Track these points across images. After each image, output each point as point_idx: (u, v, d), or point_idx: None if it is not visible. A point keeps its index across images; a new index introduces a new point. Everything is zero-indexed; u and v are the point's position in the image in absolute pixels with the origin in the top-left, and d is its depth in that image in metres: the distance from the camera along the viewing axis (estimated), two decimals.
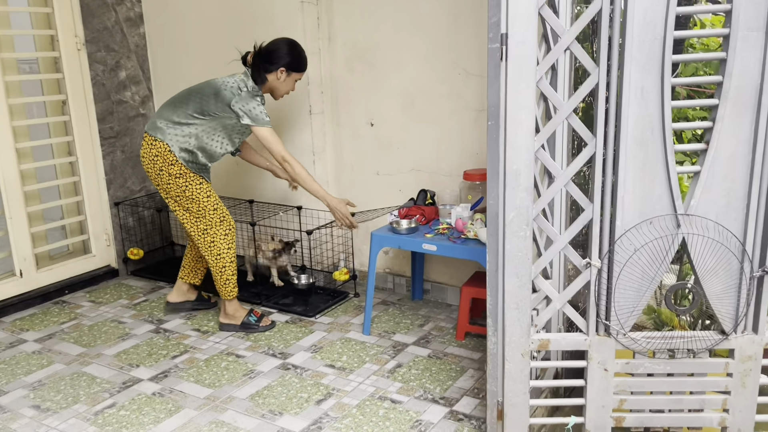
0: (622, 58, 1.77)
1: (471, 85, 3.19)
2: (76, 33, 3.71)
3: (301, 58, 3.06)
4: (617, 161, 1.84)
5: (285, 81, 3.05)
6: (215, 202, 3.10)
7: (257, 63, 3.00)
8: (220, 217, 3.10)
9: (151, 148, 3.02)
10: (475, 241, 2.86)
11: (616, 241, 1.89)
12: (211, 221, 3.08)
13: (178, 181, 3.03)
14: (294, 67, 3.04)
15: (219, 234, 3.10)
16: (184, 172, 3.01)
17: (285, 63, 3.00)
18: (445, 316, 3.35)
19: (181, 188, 3.04)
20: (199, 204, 3.06)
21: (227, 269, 3.15)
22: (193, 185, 3.04)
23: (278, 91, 3.10)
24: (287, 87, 3.09)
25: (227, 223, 3.12)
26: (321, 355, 2.96)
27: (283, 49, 3.01)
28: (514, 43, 1.78)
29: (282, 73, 3.01)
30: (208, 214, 3.07)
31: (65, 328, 3.34)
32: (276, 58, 2.99)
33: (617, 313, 1.94)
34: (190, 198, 3.05)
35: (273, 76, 3.02)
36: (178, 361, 2.95)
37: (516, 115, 1.83)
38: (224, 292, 3.19)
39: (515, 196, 1.88)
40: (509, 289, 1.95)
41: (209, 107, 2.97)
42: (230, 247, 3.14)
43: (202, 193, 3.06)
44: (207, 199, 3.07)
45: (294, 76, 3.07)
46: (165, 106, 3.08)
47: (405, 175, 3.52)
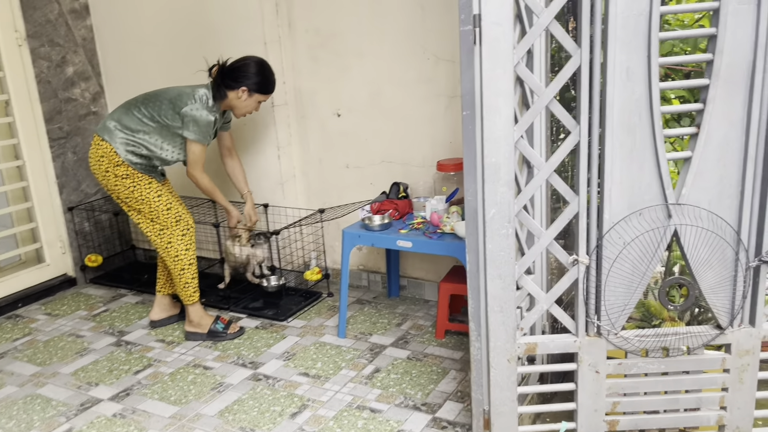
0: (605, 36, 1.62)
1: (441, 71, 3.03)
2: (16, 27, 3.44)
3: (269, 80, 2.91)
4: (603, 149, 1.70)
5: (246, 101, 2.90)
6: (168, 201, 2.91)
7: (220, 77, 2.86)
8: (175, 217, 2.92)
9: (97, 149, 2.85)
10: (452, 235, 2.71)
11: (605, 235, 1.76)
12: (166, 221, 2.90)
13: (125, 182, 2.85)
14: (258, 89, 2.89)
15: (176, 234, 2.92)
16: (131, 172, 2.84)
17: (249, 83, 2.86)
18: (423, 313, 3.21)
19: (128, 189, 2.86)
20: (150, 205, 2.87)
21: (186, 272, 2.97)
22: (141, 185, 2.86)
23: (238, 110, 2.95)
24: (248, 107, 2.94)
25: (184, 222, 2.94)
26: (294, 363, 2.80)
27: (250, 69, 2.86)
28: (488, 24, 1.63)
29: (243, 92, 2.86)
30: (161, 214, 2.89)
31: (18, 346, 3.12)
32: (240, 77, 2.85)
33: (608, 311, 1.81)
34: (140, 199, 2.86)
35: (234, 93, 2.87)
36: (141, 377, 2.75)
37: (493, 103, 1.67)
38: (185, 296, 3.00)
39: (495, 191, 1.73)
40: (492, 292, 1.81)
41: (161, 113, 2.83)
42: (188, 248, 2.96)
43: (151, 193, 2.87)
44: (158, 198, 2.89)
45: (257, 97, 2.92)
46: (119, 108, 2.93)
47: (376, 168, 3.35)
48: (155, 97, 2.87)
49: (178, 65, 3.62)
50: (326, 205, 3.53)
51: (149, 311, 3.40)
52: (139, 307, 3.50)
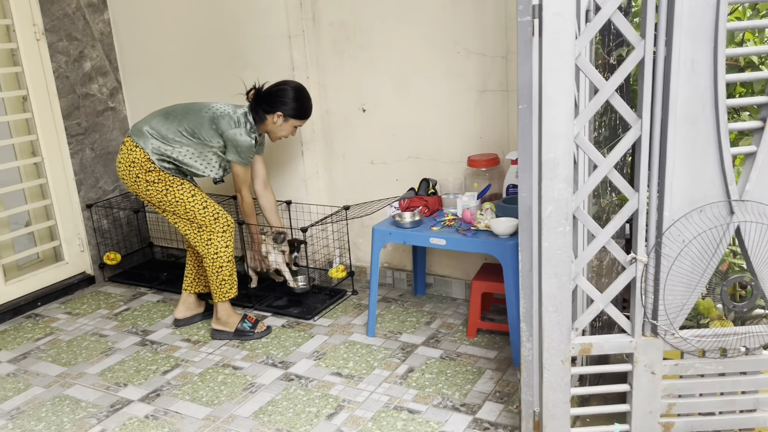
0: (670, 27, 1.57)
1: (471, 65, 2.97)
2: (34, 21, 3.38)
3: (305, 106, 2.90)
4: (665, 144, 1.65)
5: (282, 126, 2.88)
6: (202, 200, 2.86)
7: (257, 102, 2.85)
8: (213, 215, 2.87)
9: (129, 153, 2.80)
10: (487, 232, 2.66)
11: (664, 232, 1.71)
12: (204, 220, 2.85)
13: (157, 186, 2.81)
14: (294, 114, 2.88)
15: (216, 232, 2.88)
16: (163, 176, 2.80)
17: (285, 108, 2.84)
18: (452, 312, 3.16)
19: (161, 193, 2.82)
20: (185, 205, 2.82)
21: (224, 269, 2.91)
22: (173, 187, 2.82)
23: (273, 134, 2.94)
24: (284, 131, 2.92)
25: (223, 219, 2.89)
26: (325, 363, 2.75)
27: (286, 95, 2.85)
28: (549, 15, 1.57)
29: (279, 117, 2.85)
30: (197, 214, 2.84)
31: (41, 345, 3.06)
32: (276, 102, 2.84)
33: (666, 311, 1.76)
34: (174, 201, 2.82)
35: (270, 118, 2.85)
36: (170, 377, 2.70)
37: (553, 96, 1.62)
38: (219, 293, 2.95)
39: (553, 187, 1.68)
40: (547, 291, 1.76)
41: (201, 131, 2.80)
42: (228, 245, 2.91)
43: (185, 194, 2.83)
44: (192, 198, 2.84)
45: (293, 122, 2.90)
46: (156, 115, 2.87)
47: (402, 163, 3.29)
48: (196, 113, 2.83)
49: (198, 60, 3.57)
50: (350, 202, 3.47)
51: (172, 310, 3.35)
52: (161, 305, 3.44)
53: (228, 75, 3.45)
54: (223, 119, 2.80)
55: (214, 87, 3.52)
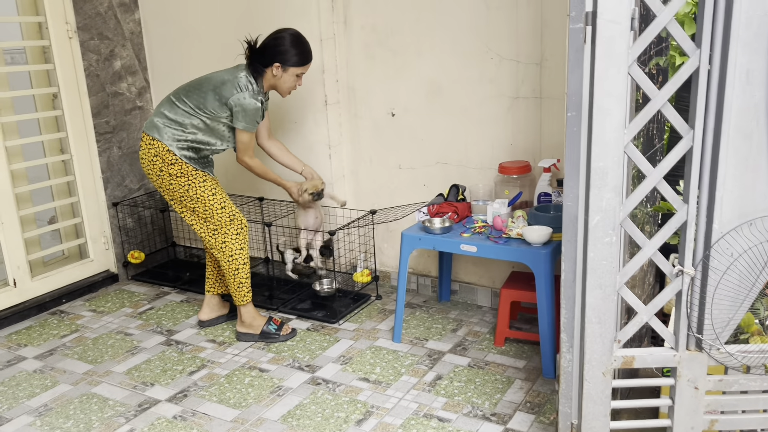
0: (726, 37, 1.54)
1: (504, 71, 2.95)
2: (67, 19, 3.39)
3: (302, 51, 2.78)
4: (716, 155, 1.62)
5: (283, 77, 2.78)
6: (222, 199, 2.85)
7: (253, 58, 2.77)
8: (229, 216, 2.85)
9: (149, 148, 2.78)
10: (519, 240, 2.64)
11: (713, 245, 1.68)
12: (220, 221, 2.84)
13: (180, 180, 2.78)
14: (293, 62, 2.76)
15: (230, 234, 2.86)
16: (186, 170, 2.78)
17: (282, 59, 2.74)
18: (478, 320, 3.13)
19: (183, 188, 2.79)
20: (205, 203, 2.81)
21: (240, 271, 2.90)
22: (196, 183, 2.79)
23: (281, 89, 2.85)
24: (288, 84, 2.82)
25: (238, 221, 2.88)
26: (352, 367, 2.73)
27: (281, 43, 2.74)
28: (603, 23, 1.55)
29: (277, 69, 2.75)
30: (215, 213, 2.83)
31: (67, 342, 3.07)
32: (272, 54, 2.74)
33: (712, 325, 1.73)
34: (195, 198, 2.80)
35: (269, 72, 2.77)
36: (197, 378, 2.70)
37: (604, 104, 1.60)
38: (239, 296, 2.94)
39: (601, 197, 1.65)
40: (591, 302, 1.73)
41: (207, 104, 2.75)
42: (243, 248, 2.90)
43: (206, 191, 2.81)
44: (212, 197, 2.82)
45: (293, 71, 2.78)
46: (162, 102, 2.85)
47: (430, 169, 3.28)
48: (198, 87, 2.78)
49: (227, 62, 3.55)
50: (376, 206, 3.46)
51: (196, 310, 3.35)
52: (185, 305, 3.44)
53: None
54: (225, 87, 2.72)
55: None
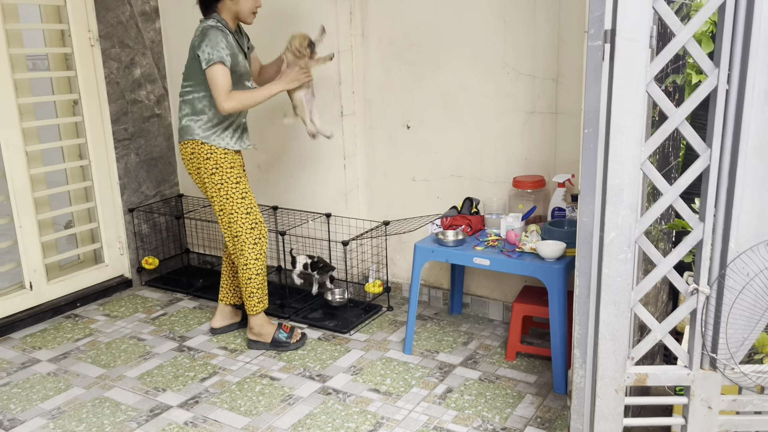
0: (745, 57, 1.55)
1: (521, 86, 2.97)
2: (90, 27, 3.45)
3: None
4: (733, 175, 1.62)
5: (240, 2, 2.68)
6: (249, 205, 2.84)
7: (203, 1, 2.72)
8: (251, 224, 2.86)
9: (184, 149, 2.84)
10: (532, 255, 2.64)
11: (729, 264, 1.67)
12: (242, 227, 2.83)
13: (214, 178, 2.80)
14: None
15: (248, 242, 2.87)
16: (220, 165, 2.77)
17: None
18: (489, 333, 3.13)
19: (216, 186, 2.80)
20: (233, 205, 2.80)
21: (253, 281, 2.92)
22: (228, 183, 2.80)
23: (243, 14, 2.73)
24: (248, 5, 2.70)
25: (258, 230, 2.89)
26: (363, 378, 2.73)
27: None
28: (622, 41, 1.56)
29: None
30: (239, 218, 2.82)
31: (81, 346, 3.09)
32: None
33: (727, 344, 1.72)
34: (225, 198, 2.80)
35: (222, 5, 2.69)
36: (208, 385, 2.71)
37: (621, 122, 1.61)
38: (249, 305, 2.95)
39: (617, 214, 1.66)
40: (605, 318, 1.73)
41: (192, 71, 2.73)
42: (258, 258, 2.91)
43: (237, 194, 2.82)
44: (242, 201, 2.83)
45: None
46: (180, 107, 2.86)
47: (444, 181, 3.29)
48: (187, 68, 2.77)
49: None
50: (389, 217, 3.47)
51: (208, 317, 3.37)
52: (197, 312, 3.47)
53: None
54: (193, 47, 2.69)
55: None
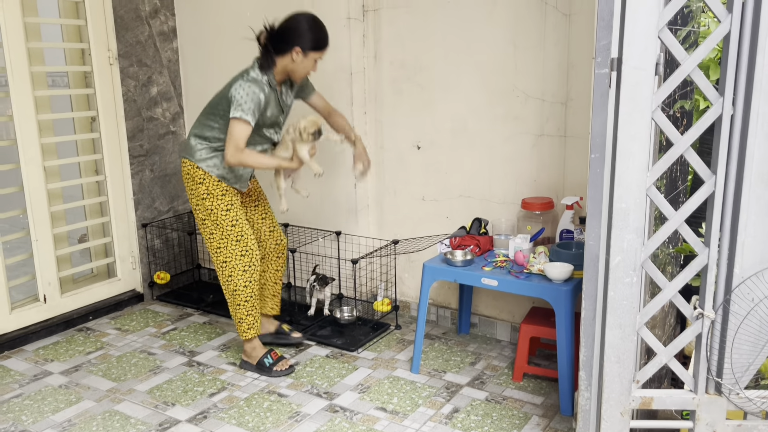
0: (749, 86, 1.58)
1: (530, 109, 3.01)
2: (109, 47, 3.54)
3: (321, 34, 2.70)
4: (738, 201, 1.65)
5: (303, 62, 2.70)
6: (240, 232, 2.80)
7: (269, 43, 2.71)
8: (241, 251, 2.81)
9: (183, 167, 2.87)
10: (540, 276, 2.66)
11: (734, 290, 1.69)
12: (232, 253, 2.80)
13: (205, 203, 2.80)
14: (312, 46, 2.68)
15: (237, 268, 2.83)
16: (212, 191, 2.79)
17: (301, 41, 2.65)
18: (497, 354, 3.14)
19: (207, 211, 2.80)
20: (222, 231, 2.78)
21: (242, 308, 2.88)
22: (218, 210, 2.79)
23: (297, 74, 2.76)
24: (306, 68, 2.73)
25: (248, 258, 2.82)
26: (370, 396, 2.75)
27: (300, 27, 2.66)
28: (628, 69, 1.60)
29: (297, 53, 2.67)
30: (230, 244, 2.78)
31: (92, 359, 3.13)
32: (290, 37, 2.65)
33: (732, 369, 1.74)
34: (215, 224, 2.79)
35: (287, 58, 2.69)
36: (217, 400, 2.74)
37: (627, 147, 1.64)
38: (239, 330, 2.94)
39: (622, 238, 1.69)
40: (610, 341, 1.75)
41: (219, 106, 2.75)
42: (247, 285, 2.85)
43: (227, 221, 2.79)
44: (231, 228, 2.80)
45: (313, 55, 2.70)
46: (194, 123, 2.90)
47: (453, 202, 3.33)
48: (217, 97, 2.80)
49: None
50: (398, 236, 3.51)
51: (218, 332, 3.41)
52: (207, 327, 3.50)
53: None
54: (231, 85, 2.70)
55: None
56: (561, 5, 2.84)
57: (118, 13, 3.54)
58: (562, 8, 2.84)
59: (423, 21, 3.19)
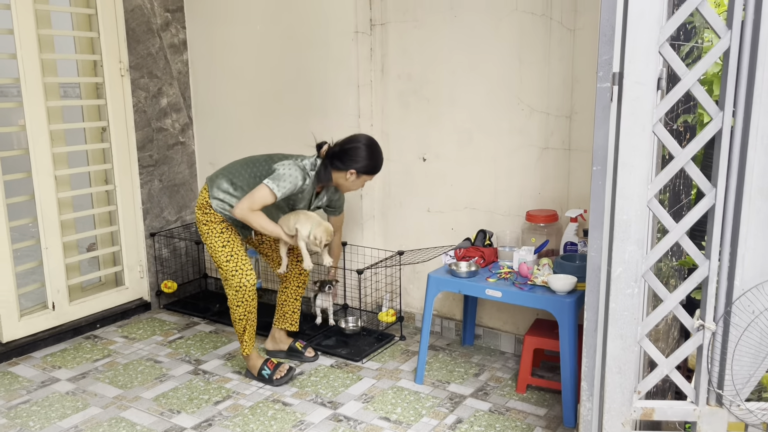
0: (749, 101, 1.61)
1: (534, 122, 3.04)
2: (121, 59, 3.60)
3: (377, 163, 2.88)
4: (738, 214, 1.67)
5: (354, 182, 2.88)
6: (230, 252, 2.84)
7: (329, 159, 2.83)
8: (232, 271, 2.84)
9: (201, 192, 2.95)
10: (544, 288, 2.68)
11: (734, 302, 1.71)
12: (225, 272, 2.86)
13: (205, 227, 2.89)
14: (366, 171, 2.86)
15: (231, 288, 2.86)
16: (211, 218, 2.86)
17: (358, 166, 2.82)
18: (501, 365, 3.15)
19: (205, 235, 2.89)
20: (215, 253, 2.86)
21: (237, 324, 2.92)
22: (213, 233, 2.86)
23: (344, 188, 2.94)
24: (356, 186, 2.93)
25: (238, 278, 2.82)
26: (373, 406, 2.77)
27: (359, 153, 2.82)
28: (629, 84, 1.63)
29: (351, 174, 2.84)
30: (222, 264, 2.85)
31: (99, 366, 3.16)
32: (349, 160, 2.81)
33: (733, 381, 1.75)
34: (210, 246, 2.87)
35: (342, 175, 2.85)
36: (222, 408, 2.76)
37: (628, 160, 1.67)
38: (239, 343, 3.01)
39: (624, 249, 1.71)
40: (612, 352, 1.77)
41: (261, 174, 2.82)
42: (240, 305, 2.87)
43: (218, 242, 2.86)
44: (222, 249, 2.85)
45: (365, 178, 2.89)
46: (231, 165, 2.94)
47: (459, 213, 3.35)
48: (263, 160, 2.88)
49: (266, 102, 3.73)
50: (404, 247, 3.53)
51: (224, 341, 3.44)
52: (213, 336, 3.53)
53: (294, 119, 3.61)
54: (281, 158, 2.83)
55: (280, 129, 3.68)
56: (566, 20, 2.88)
57: (130, 25, 3.60)
58: (567, 23, 2.88)
59: (430, 35, 3.24)
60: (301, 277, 3.18)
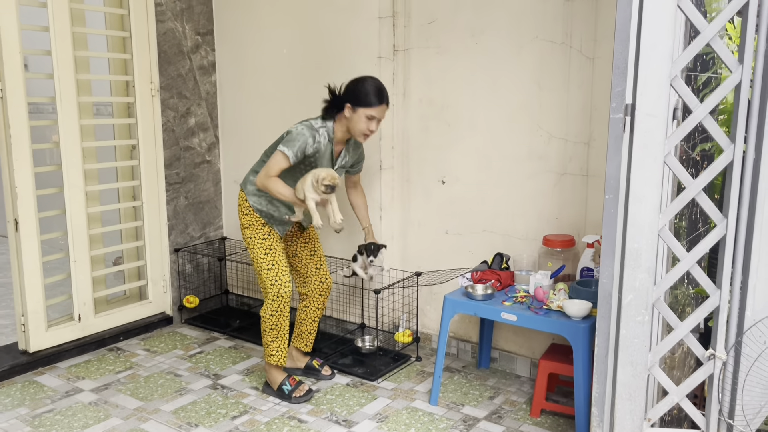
0: (761, 132, 1.64)
1: (553, 148, 3.08)
2: (152, 79, 3.73)
3: (366, 92, 2.82)
4: (749, 244, 1.69)
5: (353, 118, 2.84)
6: (272, 261, 2.92)
7: (331, 104, 2.91)
8: (271, 280, 2.91)
9: (239, 194, 3.04)
10: (559, 313, 2.69)
11: (746, 332, 1.72)
12: (264, 281, 2.93)
13: (246, 231, 2.98)
14: (357, 102, 2.81)
15: (268, 297, 2.93)
16: (253, 222, 2.96)
17: (349, 98, 2.84)
18: (516, 389, 3.16)
19: (247, 239, 2.99)
20: (257, 260, 2.94)
21: (267, 334, 2.98)
22: (255, 239, 2.95)
23: (354, 131, 2.90)
24: (360, 126, 2.84)
25: (276, 288, 2.89)
26: (388, 426, 2.79)
27: (350, 86, 2.88)
28: (641, 115, 1.67)
29: (348, 109, 2.84)
30: (263, 272, 2.93)
31: (121, 378, 3.24)
32: (343, 96, 2.87)
33: (743, 411, 1.75)
34: (252, 252, 2.96)
35: (343, 115, 2.88)
36: (239, 423, 2.81)
37: (639, 190, 1.70)
38: (265, 353, 3.04)
39: (635, 277, 1.73)
40: (622, 379, 1.78)
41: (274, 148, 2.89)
42: (273, 314, 2.94)
43: (260, 249, 2.94)
44: (264, 256, 2.93)
45: (362, 111, 2.82)
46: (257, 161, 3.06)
47: (476, 236, 3.39)
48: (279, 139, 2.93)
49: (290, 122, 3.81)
50: (421, 268, 3.57)
51: (243, 357, 3.50)
52: (233, 351, 3.59)
53: None
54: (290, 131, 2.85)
55: None
56: (585, 49, 2.93)
57: (162, 48, 3.74)
58: (587, 52, 2.92)
59: (451, 61, 3.31)
60: (320, 299, 3.22)
